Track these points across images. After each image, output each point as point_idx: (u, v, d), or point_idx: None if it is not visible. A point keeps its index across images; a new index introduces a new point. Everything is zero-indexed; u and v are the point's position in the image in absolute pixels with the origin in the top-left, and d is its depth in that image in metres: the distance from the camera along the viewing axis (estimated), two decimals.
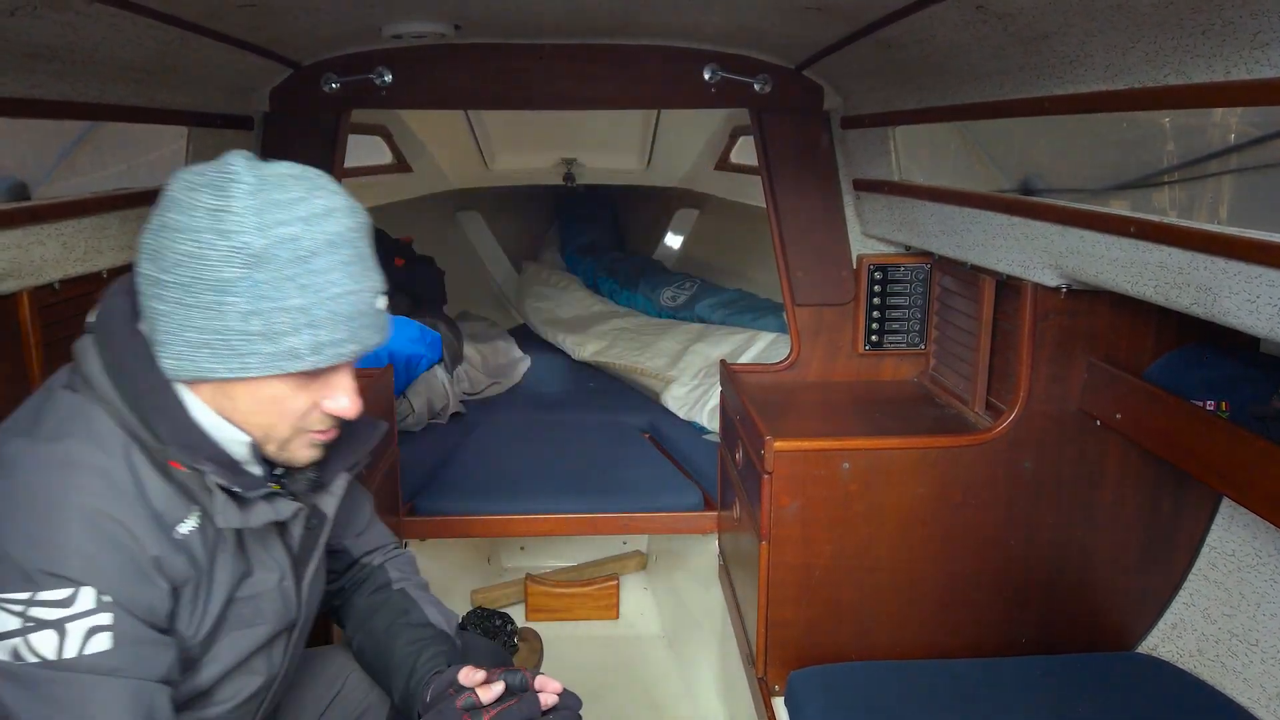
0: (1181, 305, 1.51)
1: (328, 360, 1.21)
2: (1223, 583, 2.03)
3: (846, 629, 2.19)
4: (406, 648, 1.56)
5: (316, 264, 1.17)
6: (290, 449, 1.30)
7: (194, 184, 1.16)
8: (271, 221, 1.15)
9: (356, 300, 1.21)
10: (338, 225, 1.19)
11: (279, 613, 1.36)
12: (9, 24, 1.52)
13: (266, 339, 1.17)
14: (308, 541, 1.42)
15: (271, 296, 1.15)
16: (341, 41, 2.51)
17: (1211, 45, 1.26)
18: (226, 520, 1.23)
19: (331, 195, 1.21)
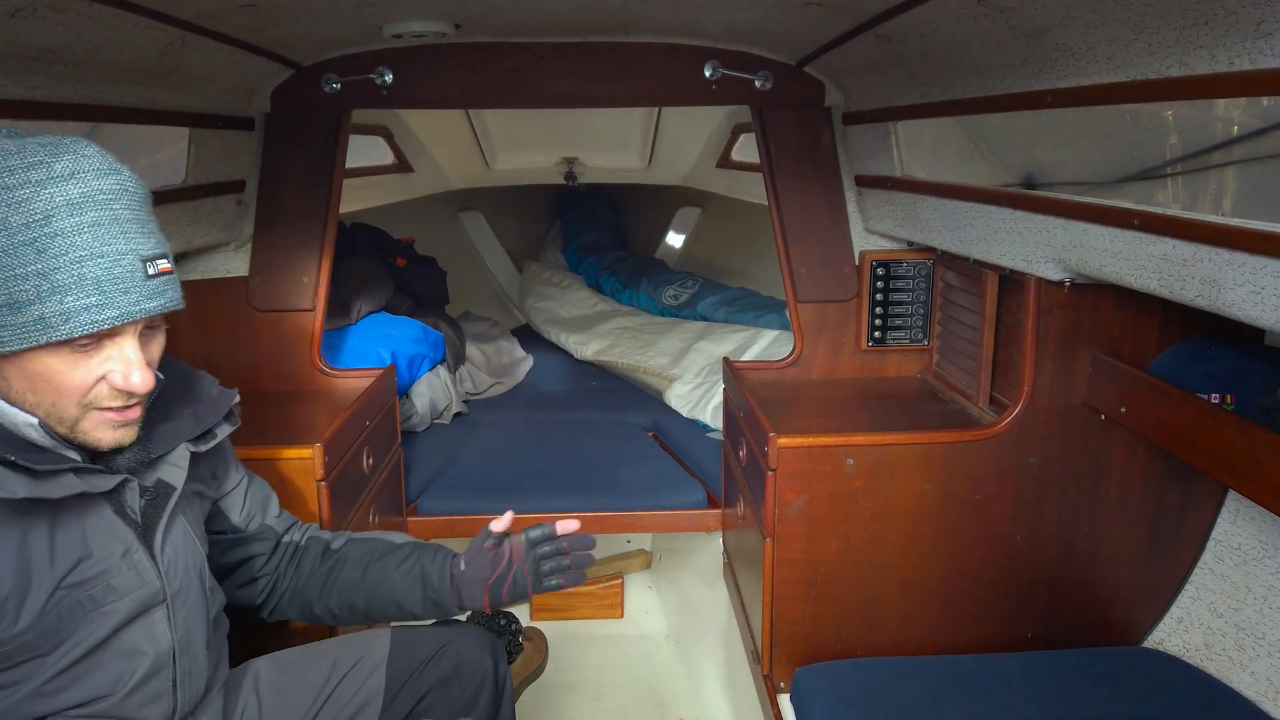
0: (1186, 298, 1.50)
1: (84, 328, 1.16)
2: (1229, 576, 2.03)
3: (852, 625, 2.19)
4: (399, 569, 1.67)
5: (54, 226, 1.14)
6: (83, 429, 1.25)
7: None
8: (2, 185, 1.12)
9: (109, 264, 1.16)
10: (82, 187, 1.16)
11: (135, 586, 1.32)
12: (10, 26, 1.52)
13: (11, 309, 1.14)
14: (152, 512, 1.38)
15: (6, 264, 1.13)
16: (342, 42, 2.51)
17: (1214, 36, 1.25)
18: (7, 489, 1.16)
19: (80, 159, 1.17)
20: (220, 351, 2.71)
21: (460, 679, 1.72)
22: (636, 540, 3.77)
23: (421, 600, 1.71)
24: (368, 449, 2.45)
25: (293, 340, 2.72)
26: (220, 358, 2.72)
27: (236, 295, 2.70)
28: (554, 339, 4.66)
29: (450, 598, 1.71)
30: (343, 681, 1.67)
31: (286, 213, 2.69)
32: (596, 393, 4.07)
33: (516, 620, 3.15)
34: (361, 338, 3.22)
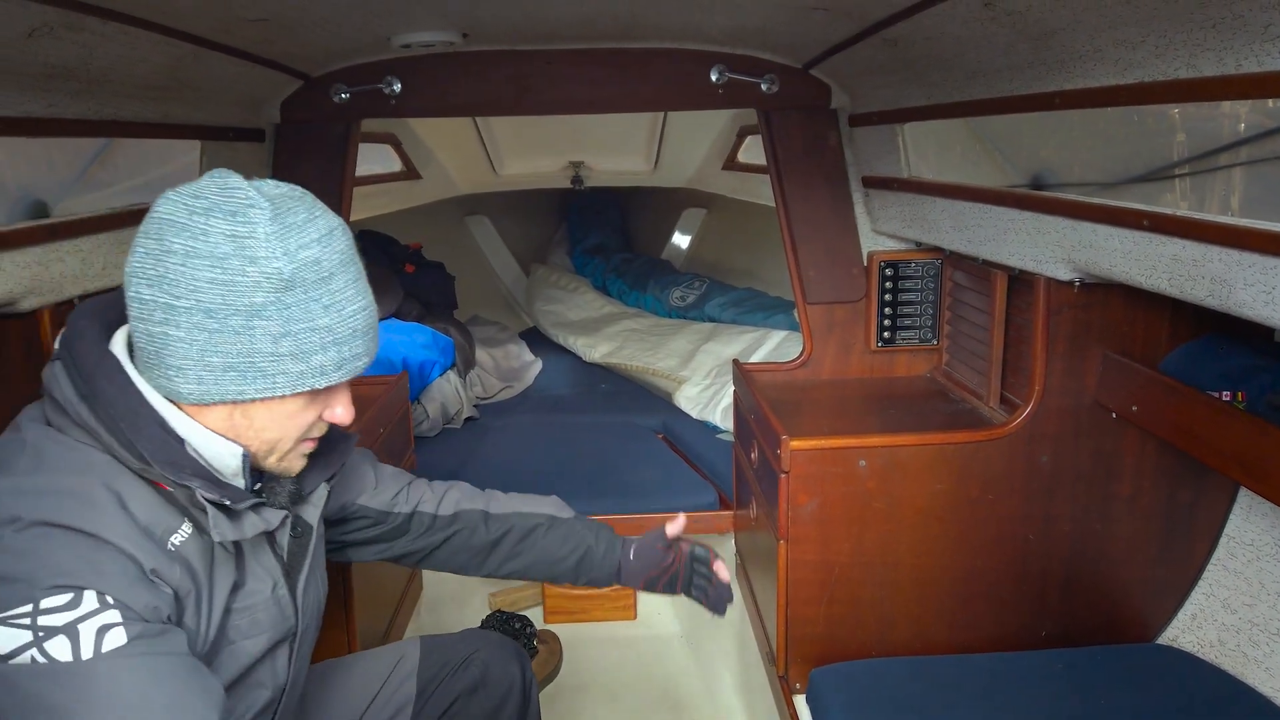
0: (1196, 297, 1.51)
1: (347, 374, 1.26)
2: (1242, 572, 2.03)
3: (867, 626, 2.20)
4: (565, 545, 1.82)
5: (335, 283, 1.21)
6: (288, 459, 1.34)
7: (198, 208, 1.16)
8: (295, 246, 1.17)
9: (367, 315, 1.27)
10: (342, 244, 1.24)
11: (276, 622, 1.37)
12: (27, 45, 1.54)
13: (295, 359, 1.20)
14: (296, 551, 1.43)
15: (300, 318, 1.19)
16: (351, 52, 2.53)
17: (1221, 39, 1.26)
18: (222, 534, 1.23)
19: (329, 215, 1.25)
20: None
21: (488, 687, 1.76)
22: None
23: (576, 574, 1.83)
24: (382, 454, 2.47)
25: None
26: None
27: None
28: (562, 342, 4.68)
29: (610, 578, 1.84)
30: (380, 692, 1.72)
31: None
32: (605, 395, 4.09)
33: (531, 624, 3.17)
34: None
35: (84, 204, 2.14)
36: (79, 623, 1.06)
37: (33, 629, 1.05)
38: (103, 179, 2.24)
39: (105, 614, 1.08)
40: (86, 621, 1.07)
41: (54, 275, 1.92)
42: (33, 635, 1.05)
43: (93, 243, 2.03)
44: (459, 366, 3.71)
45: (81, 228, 1.98)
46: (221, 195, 1.17)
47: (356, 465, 1.74)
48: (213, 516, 1.22)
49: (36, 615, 1.05)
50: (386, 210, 4.40)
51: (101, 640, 1.07)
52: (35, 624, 1.05)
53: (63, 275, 1.95)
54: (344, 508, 1.69)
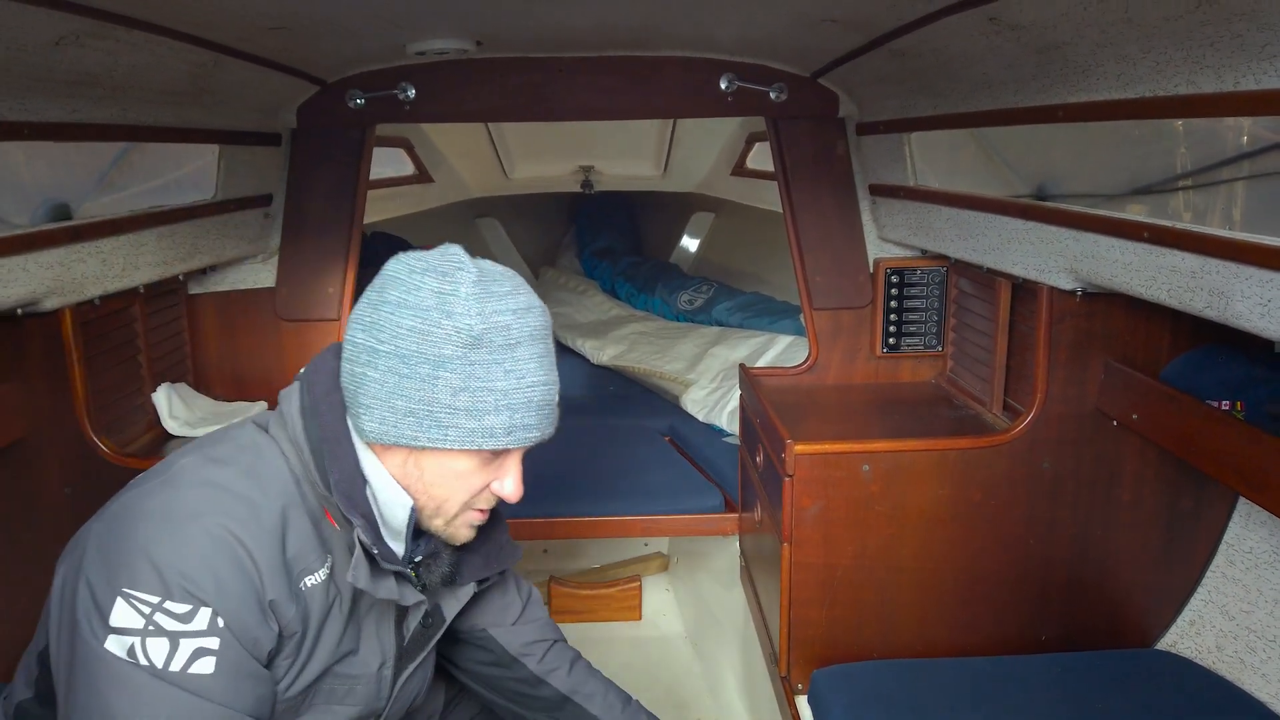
0: (1195, 309, 1.54)
1: (516, 442, 1.29)
2: (1241, 580, 2.06)
3: (869, 628, 2.23)
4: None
5: (520, 353, 1.26)
6: (454, 524, 1.38)
7: (418, 268, 1.25)
8: (490, 310, 1.24)
9: (546, 391, 1.30)
10: (537, 321, 1.29)
11: (370, 699, 1.41)
12: (54, 53, 1.58)
13: (470, 415, 1.25)
14: (419, 638, 1.47)
15: (481, 377, 1.24)
16: (366, 59, 2.57)
17: (1220, 57, 1.29)
18: (356, 578, 1.28)
19: (532, 295, 1.31)
20: (248, 360, 2.78)
21: None
22: (654, 544, 3.82)
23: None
24: None
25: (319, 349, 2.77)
26: (248, 366, 2.79)
27: (264, 305, 2.77)
28: (570, 344, 4.72)
29: None
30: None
31: (312, 225, 2.76)
32: (613, 397, 4.12)
33: None
34: None
35: (104, 206, 2.18)
36: (183, 636, 1.14)
37: (147, 619, 1.13)
38: (122, 182, 2.28)
39: (209, 639, 1.15)
40: (190, 639, 1.14)
41: (75, 276, 1.97)
42: (144, 624, 1.13)
43: (112, 244, 2.07)
44: None
45: (102, 230, 2.03)
46: (440, 259, 1.27)
47: (508, 589, 1.72)
48: (356, 558, 1.28)
49: (157, 611, 1.13)
50: (399, 213, 4.44)
51: (193, 662, 1.14)
52: (152, 617, 1.13)
53: (84, 276, 2.00)
54: (471, 627, 1.67)
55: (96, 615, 1.13)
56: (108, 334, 2.26)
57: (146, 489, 1.22)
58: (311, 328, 2.79)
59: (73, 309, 2.04)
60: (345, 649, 1.35)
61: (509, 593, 1.71)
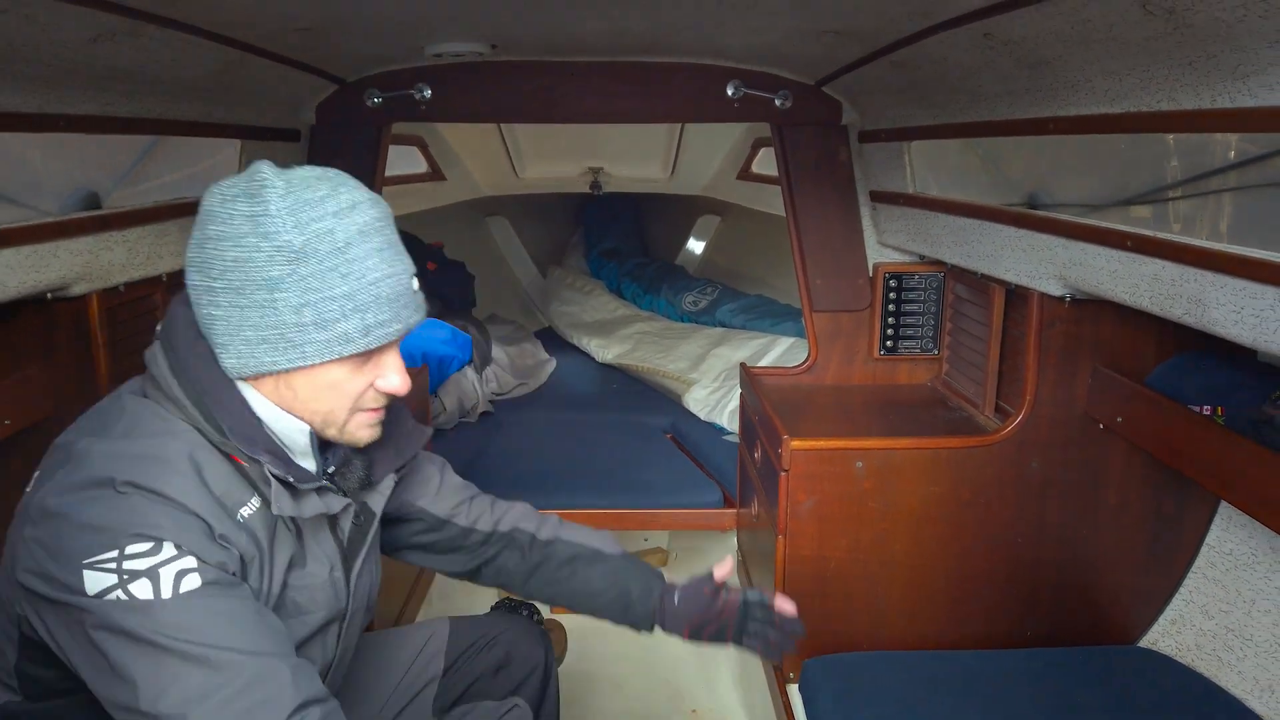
0: (1175, 315, 1.61)
1: (377, 340, 1.31)
2: (1221, 581, 2.12)
3: (859, 620, 2.30)
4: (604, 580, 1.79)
5: (353, 253, 1.27)
6: (350, 430, 1.40)
7: (228, 195, 1.26)
8: (306, 219, 1.24)
9: (394, 283, 1.31)
10: (364, 216, 1.29)
11: (330, 602, 1.45)
12: (90, 50, 1.66)
13: (319, 327, 1.27)
14: (356, 537, 1.51)
15: (318, 288, 1.25)
16: (385, 60, 2.65)
17: (1197, 76, 1.36)
18: (281, 508, 1.31)
19: (354, 190, 1.30)
20: None
21: (511, 665, 1.83)
22: (654, 538, 3.89)
23: (617, 614, 1.81)
24: None
25: None
26: None
27: None
28: (576, 342, 4.79)
29: (646, 620, 1.79)
30: (411, 666, 1.81)
31: None
32: (617, 395, 4.19)
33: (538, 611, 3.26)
34: None
35: (132, 197, 2.26)
36: (160, 567, 1.16)
37: (118, 573, 1.15)
38: (149, 173, 2.36)
39: (182, 560, 1.18)
40: (166, 566, 1.17)
41: (103, 263, 2.04)
42: (118, 578, 1.15)
43: (138, 233, 2.15)
44: (476, 363, 3.83)
45: (129, 219, 2.10)
46: (247, 181, 1.27)
47: (422, 467, 1.80)
48: (275, 491, 1.31)
49: (121, 560, 1.15)
50: (412, 210, 4.52)
51: (180, 583, 1.17)
52: (120, 568, 1.15)
53: (110, 264, 2.07)
54: (402, 506, 1.75)
55: (74, 599, 1.15)
56: (131, 320, 2.33)
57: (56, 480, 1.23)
58: None
59: (99, 294, 2.11)
60: (295, 564, 1.39)
61: (424, 468, 1.79)
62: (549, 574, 1.80)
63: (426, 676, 1.81)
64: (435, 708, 1.80)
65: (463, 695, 1.82)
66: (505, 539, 1.81)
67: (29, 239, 1.75)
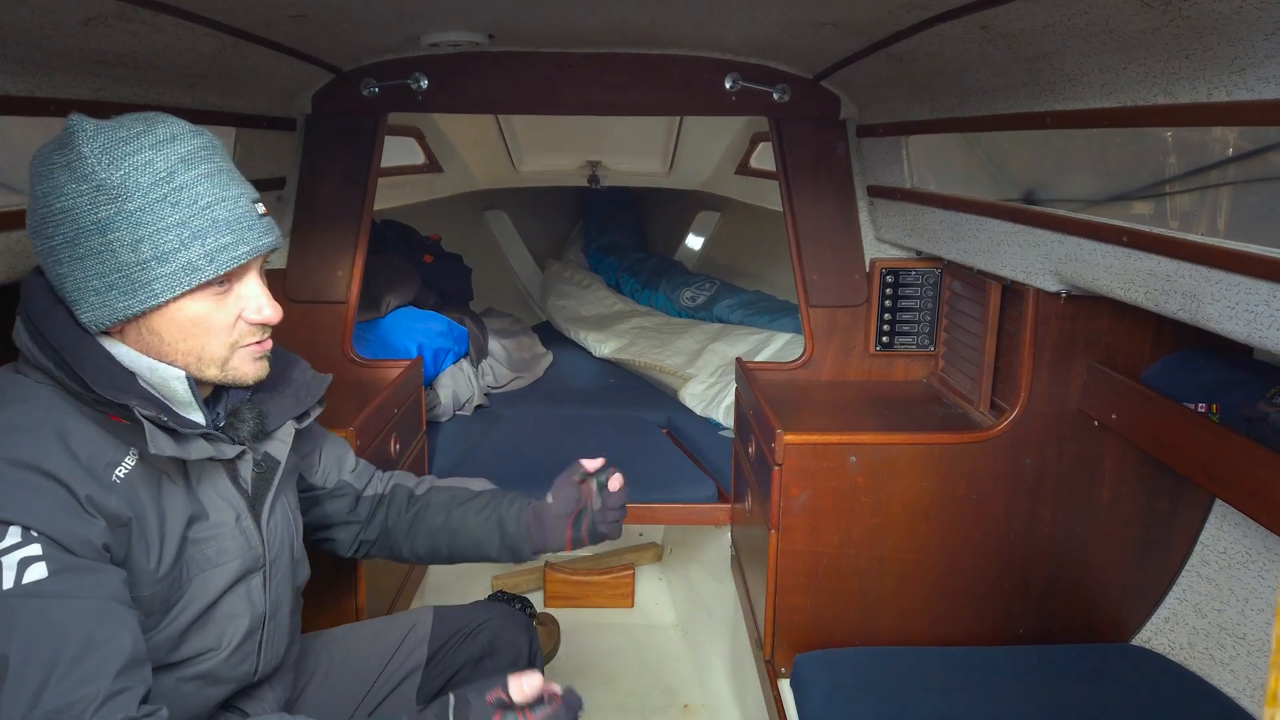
0: (1169, 311, 1.60)
1: (225, 265, 1.29)
2: (1214, 579, 2.12)
3: (851, 615, 2.29)
4: (479, 516, 1.80)
5: (178, 180, 1.26)
6: (232, 367, 1.38)
7: (43, 152, 1.26)
8: (120, 155, 1.24)
9: (231, 206, 1.30)
10: (186, 145, 1.29)
11: (242, 551, 1.44)
12: (83, 33, 1.65)
13: (160, 261, 1.25)
14: (260, 484, 1.49)
15: (148, 221, 1.24)
16: (382, 49, 2.64)
17: (1194, 69, 1.36)
18: (158, 447, 1.27)
19: (173, 124, 1.30)
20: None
21: (495, 654, 1.83)
22: (648, 534, 3.89)
23: (499, 546, 1.81)
24: (395, 435, 2.58)
25: (326, 331, 2.85)
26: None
27: (274, 286, 2.80)
28: (573, 337, 4.78)
29: (525, 543, 1.79)
30: (394, 655, 1.80)
31: (324, 209, 2.83)
32: (613, 389, 4.18)
33: (531, 604, 3.27)
34: (390, 330, 3.36)
35: None
36: (2, 555, 1.12)
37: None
38: None
39: (28, 548, 1.13)
40: (9, 555, 1.12)
41: None
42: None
43: None
44: (472, 355, 3.82)
45: None
46: (60, 135, 1.26)
47: (335, 439, 1.85)
48: (149, 432, 1.27)
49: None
50: (408, 201, 4.51)
51: (23, 573, 1.12)
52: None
53: None
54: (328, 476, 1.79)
55: None
56: None
57: None
58: (321, 310, 2.86)
59: None
60: (192, 514, 1.37)
61: (338, 440, 1.84)
62: (429, 523, 1.83)
63: (409, 665, 1.80)
64: (419, 697, 1.79)
65: (446, 685, 1.81)
66: (387, 499, 1.86)
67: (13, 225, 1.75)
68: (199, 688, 1.40)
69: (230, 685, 1.46)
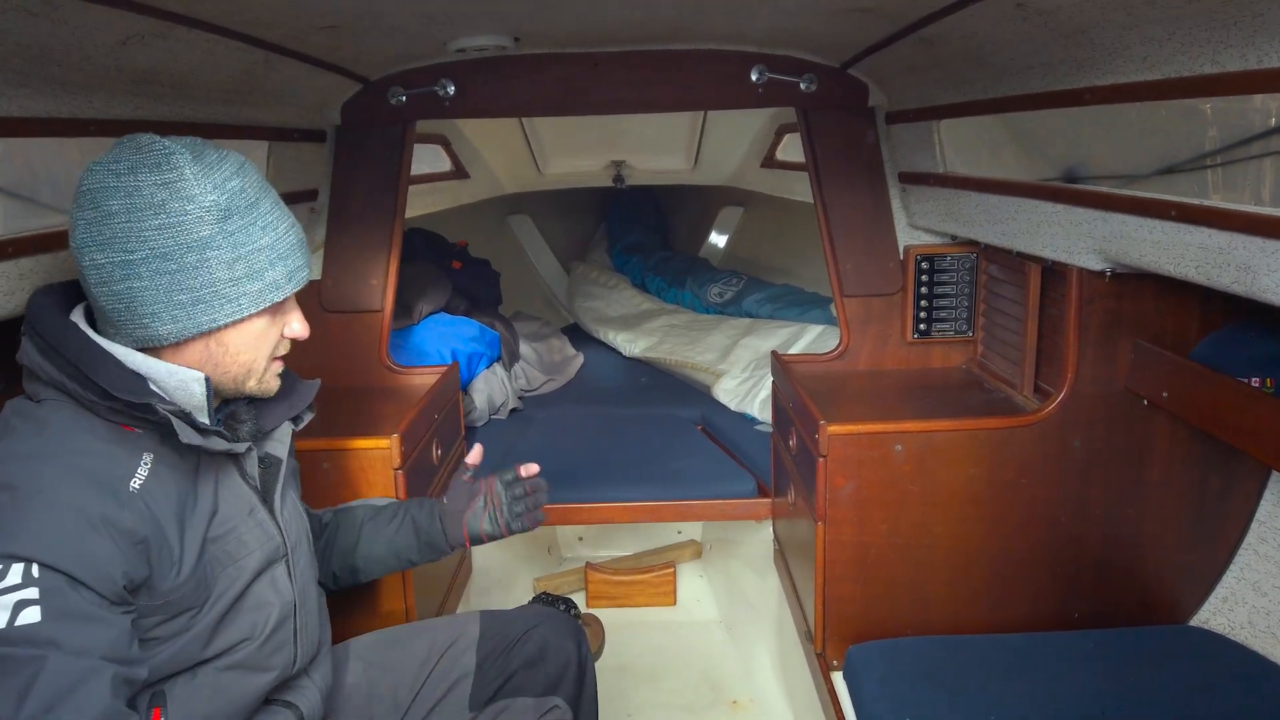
0: (1222, 284, 1.57)
1: (297, 285, 1.43)
2: (1273, 556, 2.08)
3: (903, 605, 2.28)
4: (391, 524, 1.88)
5: (264, 206, 1.38)
6: (265, 379, 1.49)
7: (123, 171, 1.28)
8: (220, 179, 1.32)
9: (295, 232, 1.43)
10: (255, 175, 1.39)
11: (262, 541, 1.48)
12: (120, 53, 1.67)
13: (251, 279, 1.36)
14: (267, 479, 1.56)
15: (245, 242, 1.34)
16: (409, 57, 2.65)
17: (1243, 35, 1.33)
18: (188, 437, 1.32)
19: (232, 153, 1.38)
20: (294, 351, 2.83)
21: (546, 660, 1.82)
22: (687, 531, 3.88)
23: (417, 546, 1.90)
24: (436, 441, 2.59)
25: (362, 339, 2.87)
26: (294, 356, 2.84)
27: (309, 297, 2.86)
28: (602, 337, 4.78)
29: (441, 538, 1.89)
30: (441, 660, 1.81)
31: (356, 219, 2.85)
32: (645, 388, 4.18)
33: (575, 605, 3.26)
34: (424, 337, 3.37)
35: None
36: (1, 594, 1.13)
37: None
38: None
39: (26, 590, 1.14)
40: (6, 596, 1.13)
41: None
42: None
43: None
44: (504, 359, 3.83)
45: None
46: (139, 154, 1.30)
47: None
48: (178, 425, 1.31)
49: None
50: (436, 209, 4.53)
51: (16, 615, 1.13)
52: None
53: None
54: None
55: None
56: None
57: None
58: (355, 319, 2.88)
59: None
60: (210, 511, 1.42)
61: None
62: (341, 545, 1.89)
63: (459, 671, 1.80)
64: (471, 703, 1.80)
65: (499, 691, 1.81)
66: (318, 530, 1.90)
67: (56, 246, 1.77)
68: (239, 677, 1.44)
69: (272, 674, 1.50)
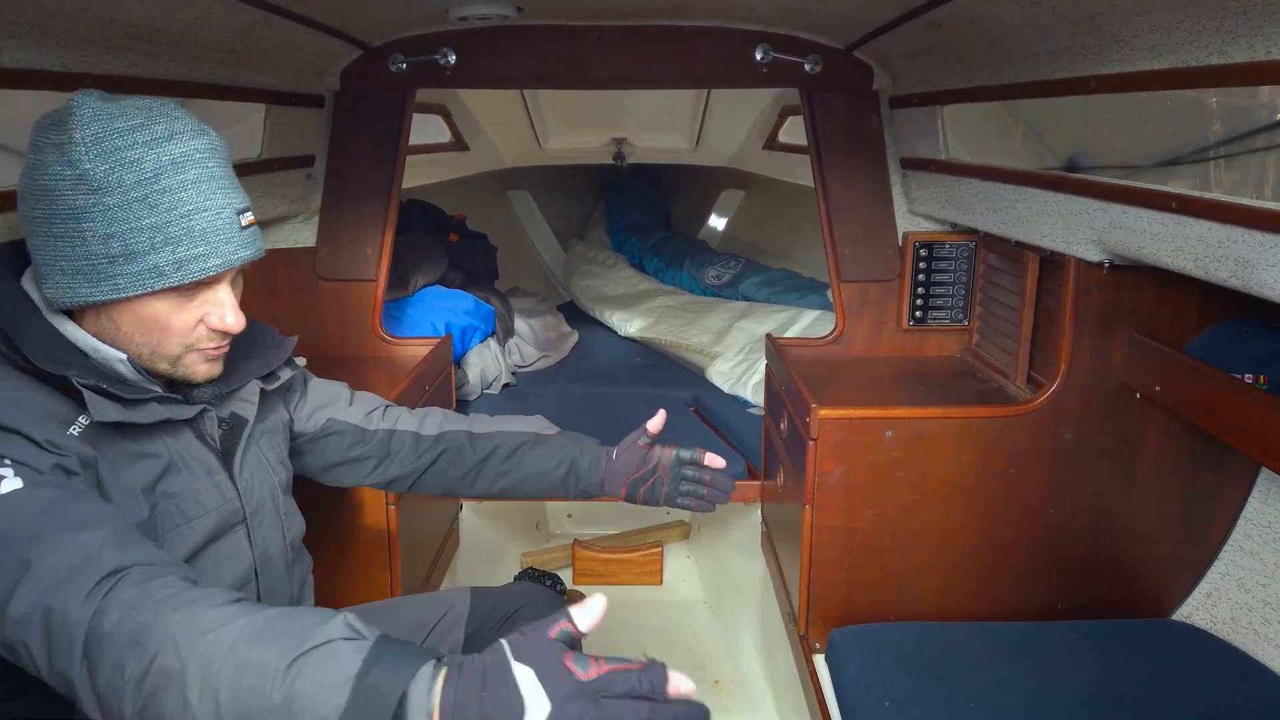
0: (1220, 278, 1.56)
1: (192, 275, 1.29)
2: (1258, 553, 2.08)
3: (888, 591, 2.28)
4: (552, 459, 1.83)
5: (163, 184, 1.25)
6: (184, 365, 1.38)
7: (43, 123, 1.25)
8: (111, 148, 1.22)
9: (212, 217, 1.29)
10: (182, 147, 1.26)
11: (218, 502, 1.43)
12: (113, 7, 1.64)
13: (128, 259, 1.25)
14: (228, 440, 1.49)
15: (123, 219, 1.23)
16: (410, 24, 2.62)
17: (1252, 25, 1.31)
18: (101, 414, 1.25)
19: (174, 120, 1.28)
20: (288, 318, 2.85)
21: None
22: (675, 511, 3.88)
23: (569, 487, 1.85)
24: None
25: (356, 309, 2.86)
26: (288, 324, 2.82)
27: (304, 265, 2.84)
28: (598, 316, 4.77)
29: (598, 489, 1.85)
30: (430, 634, 1.79)
31: (352, 187, 2.82)
32: (640, 368, 4.17)
33: (561, 581, 3.28)
34: (418, 309, 3.35)
35: None
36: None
37: None
38: None
39: None
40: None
41: None
42: None
43: None
44: (499, 334, 3.82)
45: None
46: (61, 110, 1.25)
47: (326, 385, 1.83)
48: (90, 399, 1.25)
49: None
50: (434, 180, 4.50)
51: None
52: None
53: None
54: (314, 420, 1.76)
55: None
56: None
57: None
58: (349, 288, 2.86)
59: None
60: (161, 466, 1.36)
61: (330, 387, 1.82)
62: (498, 466, 1.83)
63: (447, 645, 1.79)
64: None
65: None
66: (439, 442, 1.83)
67: None
68: None
69: None
